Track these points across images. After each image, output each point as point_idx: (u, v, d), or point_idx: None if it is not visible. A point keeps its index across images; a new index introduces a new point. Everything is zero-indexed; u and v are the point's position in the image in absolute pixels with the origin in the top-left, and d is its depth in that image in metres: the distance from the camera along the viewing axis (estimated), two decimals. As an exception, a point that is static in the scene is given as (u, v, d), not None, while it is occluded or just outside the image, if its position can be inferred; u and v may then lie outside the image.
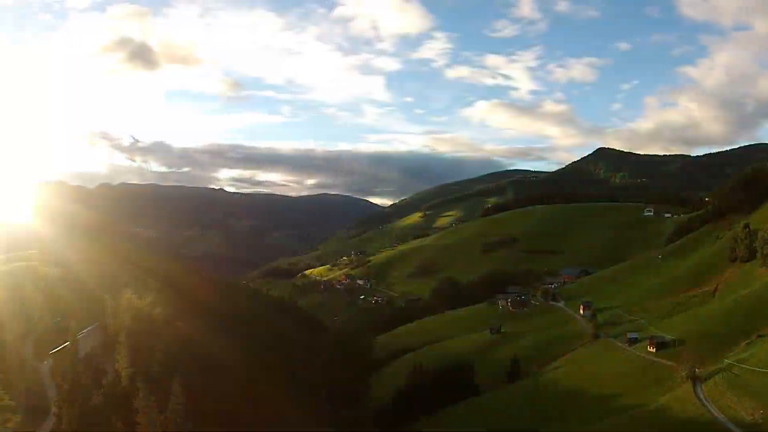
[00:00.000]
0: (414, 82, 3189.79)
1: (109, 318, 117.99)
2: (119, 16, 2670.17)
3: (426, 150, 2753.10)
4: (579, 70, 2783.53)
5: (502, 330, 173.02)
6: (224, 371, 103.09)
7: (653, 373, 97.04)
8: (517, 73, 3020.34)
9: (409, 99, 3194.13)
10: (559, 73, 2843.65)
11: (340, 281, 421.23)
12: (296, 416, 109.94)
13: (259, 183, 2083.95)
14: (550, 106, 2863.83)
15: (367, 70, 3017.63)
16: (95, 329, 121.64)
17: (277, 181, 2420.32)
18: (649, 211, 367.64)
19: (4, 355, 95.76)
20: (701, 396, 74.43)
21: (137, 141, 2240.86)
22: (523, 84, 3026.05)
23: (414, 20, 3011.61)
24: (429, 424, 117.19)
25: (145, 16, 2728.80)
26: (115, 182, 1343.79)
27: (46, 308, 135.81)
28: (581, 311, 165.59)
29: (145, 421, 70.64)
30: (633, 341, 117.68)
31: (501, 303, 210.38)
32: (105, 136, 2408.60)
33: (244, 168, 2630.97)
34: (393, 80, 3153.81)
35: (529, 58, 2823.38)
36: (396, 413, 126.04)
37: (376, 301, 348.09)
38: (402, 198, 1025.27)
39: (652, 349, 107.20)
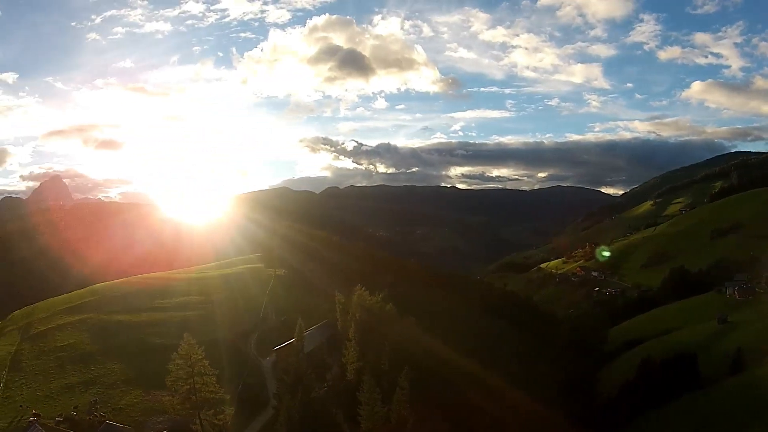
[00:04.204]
0: (631, 67, 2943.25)
1: (339, 315, 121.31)
2: (322, 27, 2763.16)
3: (651, 136, 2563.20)
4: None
5: (728, 319, 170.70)
6: (453, 365, 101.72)
7: None
8: (726, 50, 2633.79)
9: (629, 85, 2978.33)
10: (764, 47, 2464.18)
11: (575, 273, 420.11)
12: (528, 409, 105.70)
13: (491, 178, 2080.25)
14: (761, 83, 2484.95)
15: (583, 58, 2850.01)
16: (323, 326, 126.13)
17: (509, 175, 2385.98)
18: None
19: (225, 351, 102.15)
20: None
21: (361, 145, 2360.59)
22: (733, 61, 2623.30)
23: (617, 4, 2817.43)
24: (652, 418, 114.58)
25: (349, 24, 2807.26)
26: (342, 186, 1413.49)
27: (271, 307, 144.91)
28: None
29: (367, 413, 72.18)
30: None
31: (728, 291, 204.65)
32: (327, 142, 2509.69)
33: (474, 165, 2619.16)
34: (610, 66, 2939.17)
35: (733, 33, 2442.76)
36: (622, 407, 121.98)
37: (610, 292, 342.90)
38: (633, 186, 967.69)
39: None
